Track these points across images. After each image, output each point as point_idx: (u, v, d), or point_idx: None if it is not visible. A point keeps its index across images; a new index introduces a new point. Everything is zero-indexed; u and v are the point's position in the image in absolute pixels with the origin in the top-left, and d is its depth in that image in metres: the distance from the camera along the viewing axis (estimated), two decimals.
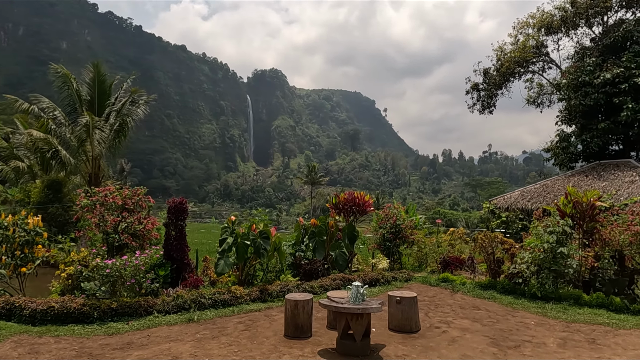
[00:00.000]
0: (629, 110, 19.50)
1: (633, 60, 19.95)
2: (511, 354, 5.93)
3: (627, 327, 7.29)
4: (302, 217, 13.28)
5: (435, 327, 7.18)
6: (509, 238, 15.25)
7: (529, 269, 9.29)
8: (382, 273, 10.70)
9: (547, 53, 27.82)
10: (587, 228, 9.47)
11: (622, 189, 17.97)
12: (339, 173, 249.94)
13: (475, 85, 29.09)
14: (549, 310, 8.27)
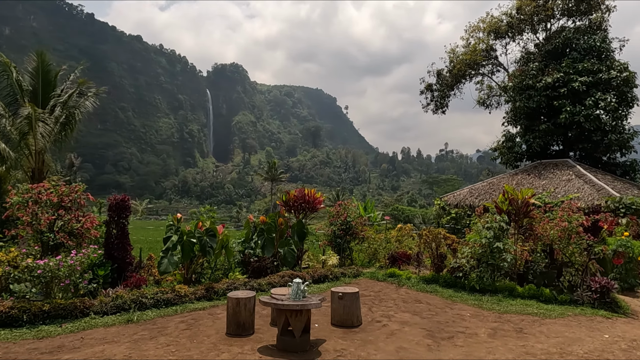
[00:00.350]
0: (567, 113, 20.80)
1: (571, 66, 21.27)
2: (444, 345, 6.21)
3: (552, 316, 7.82)
4: (256, 215, 13.23)
5: (377, 321, 7.39)
6: (458, 233, 15.93)
7: (469, 263, 9.74)
8: (331, 269, 10.86)
9: (496, 57, 29.13)
10: (522, 224, 10.03)
11: (559, 187, 19.16)
12: (300, 170, 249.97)
13: (429, 86, 29.99)
14: (485, 302, 8.71)
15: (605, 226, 9.75)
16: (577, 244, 9.41)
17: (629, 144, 21.60)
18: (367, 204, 37.02)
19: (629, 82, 20.82)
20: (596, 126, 20.55)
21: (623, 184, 19.38)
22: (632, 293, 11.35)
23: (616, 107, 20.59)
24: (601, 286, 8.73)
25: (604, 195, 17.02)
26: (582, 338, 6.60)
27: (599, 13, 24.77)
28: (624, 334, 6.86)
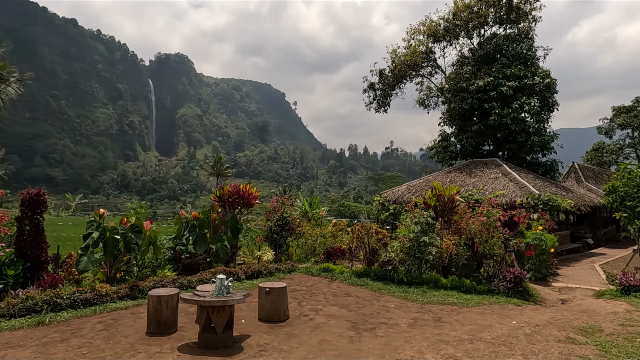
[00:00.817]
0: (496, 115, 22.13)
1: (500, 71, 22.64)
2: (366, 336, 6.42)
3: (470, 305, 8.33)
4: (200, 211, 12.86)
5: (304, 315, 7.48)
6: (396, 229, 16.46)
7: (398, 257, 10.12)
8: (265, 265, 10.84)
9: (435, 59, 30.33)
10: (448, 219, 10.58)
11: (488, 184, 20.38)
12: (247, 165, 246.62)
13: (371, 85, 30.66)
14: (410, 293, 9.11)
15: (522, 221, 10.51)
16: (496, 237, 10.08)
17: (549, 145, 23.45)
18: (313, 200, 37.24)
19: (550, 88, 22.55)
20: (521, 128, 22.10)
21: (543, 182, 21.01)
22: (544, 282, 12.37)
23: (539, 110, 22.26)
24: (515, 276, 9.43)
25: (525, 192, 18.34)
26: (493, 325, 7.10)
27: (527, 23, 26.62)
28: (530, 320, 7.46)
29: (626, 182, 12.15)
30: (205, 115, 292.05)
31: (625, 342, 6.15)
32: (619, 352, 5.70)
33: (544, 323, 7.23)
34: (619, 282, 9.53)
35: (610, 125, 38.22)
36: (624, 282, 9.35)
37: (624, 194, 12.03)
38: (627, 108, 37.22)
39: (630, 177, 12.22)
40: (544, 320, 7.41)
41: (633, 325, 7.02)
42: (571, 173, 27.19)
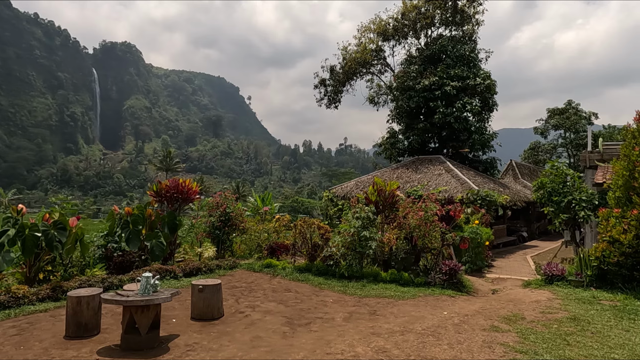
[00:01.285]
0: (441, 114, 22.91)
1: (445, 71, 23.43)
2: (300, 331, 6.38)
3: (405, 298, 8.54)
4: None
5: (240, 312, 7.33)
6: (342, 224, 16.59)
7: (340, 252, 10.19)
8: (205, 262, 10.54)
9: (384, 57, 30.89)
10: (389, 213, 10.79)
11: (432, 180, 21.06)
12: (199, 160, 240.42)
13: (322, 81, 30.74)
14: (350, 287, 9.19)
15: (457, 215, 10.92)
16: (433, 231, 10.40)
17: (489, 144, 24.64)
18: (265, 196, 36.82)
19: (490, 89, 23.69)
20: (464, 127, 23.04)
21: (482, 179, 22.05)
22: (479, 273, 12.97)
23: (480, 110, 23.32)
24: (450, 269, 9.78)
25: (466, 188, 19.14)
26: (425, 316, 7.30)
27: (471, 25, 27.74)
28: (460, 310, 7.75)
29: (553, 178, 12.96)
30: (154, 108, 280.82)
31: (543, 328, 6.53)
32: (536, 338, 6.03)
33: (473, 313, 7.54)
34: (543, 272, 10.16)
35: (545, 126, 40.81)
36: (547, 272, 9.98)
37: (551, 190, 12.82)
38: (560, 110, 39.89)
39: (557, 174, 13.05)
40: (473, 310, 7.73)
41: (552, 313, 7.48)
42: (509, 170, 28.78)
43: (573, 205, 12.48)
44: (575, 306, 7.91)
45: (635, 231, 8.42)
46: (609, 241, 8.92)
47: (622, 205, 8.97)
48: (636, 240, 8.37)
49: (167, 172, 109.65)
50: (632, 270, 8.63)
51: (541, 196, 13.07)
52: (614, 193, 9.32)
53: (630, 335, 6.20)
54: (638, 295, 8.37)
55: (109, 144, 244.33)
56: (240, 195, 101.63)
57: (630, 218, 8.53)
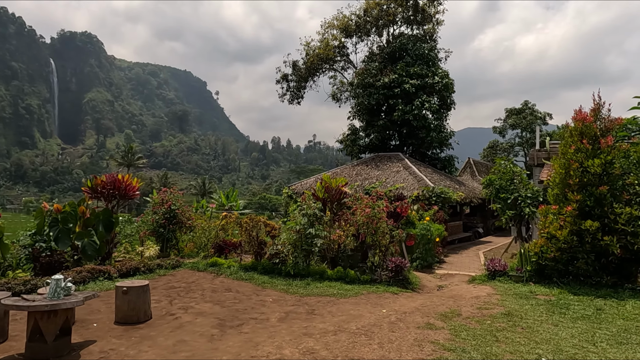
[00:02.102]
0: (400, 111, 23.04)
1: (404, 69, 23.58)
2: (229, 333, 6.11)
3: (348, 296, 8.42)
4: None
5: (171, 314, 6.98)
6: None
7: (286, 249, 9.98)
8: (144, 261, 10.06)
9: (347, 54, 30.79)
10: (337, 210, 10.66)
11: (390, 177, 21.17)
12: (164, 156, 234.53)
13: (284, 76, 30.36)
14: (293, 286, 8.99)
15: (405, 212, 10.92)
16: (381, 228, 10.35)
17: (447, 141, 25.04)
18: (230, 192, 36.14)
19: (448, 88, 24.05)
20: (422, 124, 23.29)
21: (439, 176, 22.38)
22: (429, 270, 13.08)
23: (438, 108, 23.63)
24: (396, 265, 9.75)
25: (422, 185, 19.35)
26: (363, 314, 7.19)
27: (431, 25, 28.09)
28: (400, 308, 7.70)
29: (501, 176, 13.22)
30: (117, 101, 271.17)
31: (476, 325, 6.55)
32: (467, 335, 6.02)
33: (412, 310, 7.50)
34: (486, 268, 10.31)
35: (503, 125, 42.07)
36: (490, 268, 10.13)
37: (498, 187, 13.06)
38: (517, 110, 41.22)
39: (504, 171, 13.31)
40: (413, 308, 7.69)
41: (488, 308, 7.54)
42: (467, 168, 29.42)
43: (519, 202, 12.76)
44: (512, 301, 8.02)
45: (570, 227, 8.64)
46: (546, 237, 9.12)
47: (559, 202, 9.20)
48: (571, 236, 8.58)
49: (129, 168, 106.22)
50: (567, 265, 8.86)
51: (490, 193, 13.31)
52: (552, 190, 9.55)
53: (558, 330, 6.29)
54: (572, 289, 8.60)
55: (68, 138, 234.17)
56: (206, 191, 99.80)
57: (566, 214, 8.75)
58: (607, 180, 8.67)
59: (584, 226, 8.43)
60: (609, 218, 8.45)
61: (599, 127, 9.03)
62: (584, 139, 8.89)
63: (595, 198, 8.56)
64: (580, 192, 8.74)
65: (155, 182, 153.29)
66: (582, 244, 8.55)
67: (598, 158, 8.62)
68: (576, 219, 8.62)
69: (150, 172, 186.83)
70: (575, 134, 9.16)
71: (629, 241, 8.26)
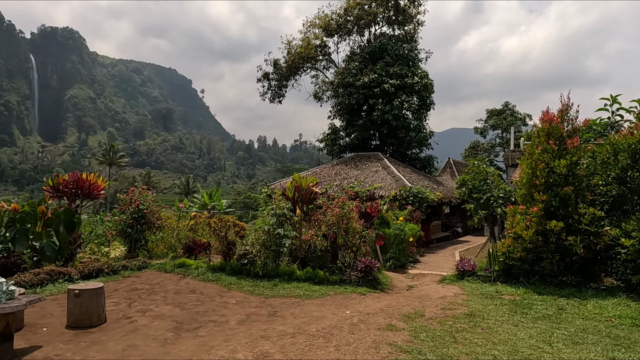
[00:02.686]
0: (379, 111, 23.05)
1: (384, 69, 23.59)
2: (184, 337, 5.95)
3: (314, 297, 8.32)
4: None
5: (127, 317, 6.78)
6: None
7: (254, 249, 9.83)
8: (109, 263, 9.80)
9: (329, 54, 30.72)
10: (307, 210, 10.55)
11: (369, 177, 21.17)
12: (148, 154, 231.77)
13: (266, 75, 30.14)
14: (260, 287, 8.86)
15: (374, 212, 10.88)
16: (352, 228, 10.28)
17: (426, 141, 25.16)
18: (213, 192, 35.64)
19: (427, 88, 24.15)
20: (401, 124, 23.35)
21: (418, 176, 22.48)
22: (402, 269, 13.08)
23: (417, 108, 23.71)
24: (365, 266, 9.69)
25: (400, 185, 19.40)
26: (326, 316, 7.10)
27: (412, 26, 28.19)
28: (365, 309, 7.63)
29: (474, 176, 13.29)
30: (99, 99, 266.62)
31: (437, 325, 6.51)
32: (426, 336, 5.97)
33: (376, 311, 7.44)
34: (456, 268, 10.33)
35: (485, 126, 42.52)
36: (460, 268, 10.15)
37: (471, 187, 13.14)
38: (498, 111, 41.70)
39: (477, 171, 13.40)
40: (378, 309, 7.63)
41: (452, 309, 7.53)
42: (447, 168, 29.63)
43: (491, 202, 12.86)
44: (477, 301, 8.02)
45: (536, 227, 8.69)
46: (513, 237, 9.17)
47: (526, 202, 9.25)
48: (536, 236, 8.63)
49: (111, 167, 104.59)
50: (533, 265, 8.91)
51: (463, 193, 13.38)
52: (520, 190, 9.60)
53: (517, 330, 6.29)
54: (537, 289, 8.65)
55: (48, 136, 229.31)
56: (190, 190, 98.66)
57: (532, 214, 8.80)
58: (573, 180, 8.75)
59: (549, 226, 8.49)
60: (573, 218, 8.52)
61: (565, 128, 9.11)
62: (551, 139, 8.95)
63: (560, 198, 8.63)
64: (546, 192, 8.80)
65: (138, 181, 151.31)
66: (547, 244, 8.61)
67: (564, 159, 8.68)
68: (541, 219, 8.67)
69: (133, 170, 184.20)
70: (542, 135, 9.22)
71: (592, 241, 8.34)
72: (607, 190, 9.00)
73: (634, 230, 7.94)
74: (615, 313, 7.10)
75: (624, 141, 8.37)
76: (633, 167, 8.51)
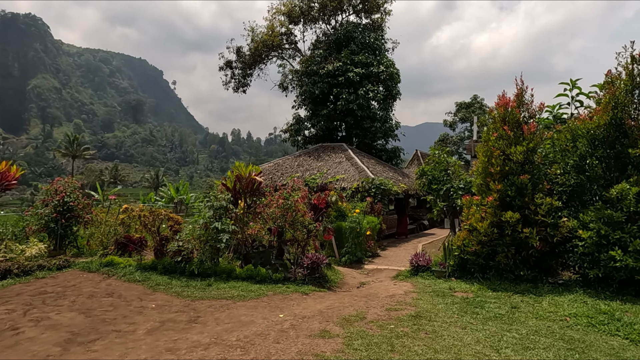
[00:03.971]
0: (344, 100, 22.26)
1: (349, 57, 22.77)
2: (72, 352, 4.98)
3: (248, 298, 7.45)
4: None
5: (14, 328, 5.73)
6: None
7: (190, 245, 8.88)
8: (20, 262, 8.64)
9: (296, 42, 29.67)
10: (250, 202, 9.65)
11: (332, 169, 20.40)
12: (117, 147, 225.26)
13: (228, 63, 28.87)
14: (191, 288, 7.93)
15: (322, 203, 10.08)
16: (298, 221, 9.45)
17: (393, 132, 24.56)
18: (180, 185, 34.17)
19: (393, 78, 23.51)
20: (367, 114, 22.64)
21: (383, 167, 21.87)
22: (359, 264, 12.38)
23: (383, 98, 23.04)
24: (312, 262, 8.89)
25: (363, 176, 18.71)
26: (255, 321, 6.25)
27: (380, 14, 27.45)
28: (302, 311, 6.82)
29: (434, 166, 12.68)
30: (65, 89, 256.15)
31: (377, 330, 5.77)
32: (361, 344, 5.21)
33: (314, 314, 6.64)
34: (410, 263, 9.67)
35: (454, 119, 42.46)
36: (414, 263, 9.50)
37: (431, 178, 12.52)
38: (467, 104, 41.68)
39: (438, 161, 12.79)
40: (316, 311, 6.84)
41: (398, 309, 6.81)
42: (414, 160, 29.23)
43: (451, 194, 12.29)
44: (427, 300, 7.35)
45: (491, 219, 8.08)
46: (468, 229, 8.56)
47: (482, 192, 8.64)
48: (491, 229, 8.03)
49: (74, 159, 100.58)
50: (488, 259, 8.32)
51: (422, 184, 12.75)
52: (476, 180, 8.99)
53: (465, 334, 5.62)
54: (492, 285, 8.06)
55: (9, 128, 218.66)
56: (159, 184, 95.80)
57: (487, 205, 8.19)
58: (529, 168, 8.17)
59: (504, 217, 7.89)
60: (529, 209, 7.96)
61: (521, 113, 8.52)
62: (506, 125, 8.35)
63: (516, 188, 8.04)
64: (502, 181, 8.20)
65: (106, 174, 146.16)
66: (503, 236, 8.02)
67: (520, 145, 8.09)
68: (497, 210, 8.08)
69: (101, 164, 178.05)
70: (498, 120, 8.61)
71: (549, 233, 7.79)
72: (565, 179, 8.48)
73: (592, 221, 7.41)
74: (570, 311, 6.54)
75: (582, 127, 7.83)
76: (592, 155, 8.00)
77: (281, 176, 20.71)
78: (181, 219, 9.62)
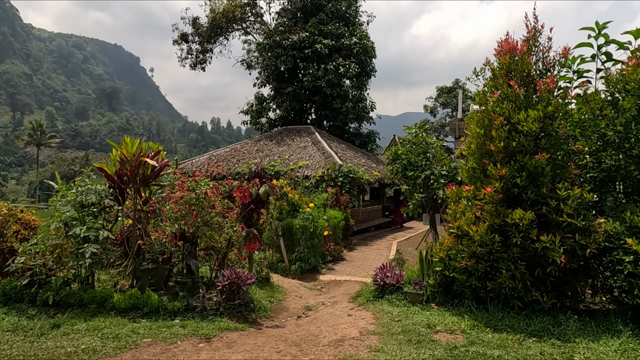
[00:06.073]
0: (311, 76, 19.33)
1: (316, 27, 19.80)
2: None
3: (100, 355, 4.55)
4: None
5: None
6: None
7: (45, 260, 5.91)
8: None
9: (261, 14, 26.42)
10: (145, 195, 6.71)
11: (295, 154, 17.52)
12: (92, 135, 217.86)
13: (183, 36, 25.42)
14: (19, 333, 4.97)
15: (248, 197, 7.20)
16: (213, 222, 6.58)
17: (367, 114, 21.76)
18: None
19: (367, 51, 20.62)
20: (337, 93, 19.76)
21: (355, 153, 19.10)
22: (314, 274, 9.61)
23: (356, 75, 20.18)
24: (230, 283, 6.05)
25: (330, 162, 15.93)
26: None
27: None
28: None
29: (410, 148, 9.94)
30: (36, 75, 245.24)
31: None
32: None
33: None
34: (373, 280, 6.91)
35: (434, 104, 39.97)
36: (379, 280, 6.73)
37: (406, 163, 9.78)
38: (448, 89, 39.19)
39: (415, 142, 10.05)
40: None
41: None
42: (392, 146, 26.54)
43: (432, 182, 9.58)
44: (393, 351, 4.59)
45: (491, 220, 5.35)
46: (456, 235, 5.83)
47: (476, 179, 5.90)
48: (491, 235, 5.29)
49: (39, 148, 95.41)
50: (485, 279, 5.59)
51: (395, 171, 10.00)
52: (466, 163, 6.25)
53: None
54: (491, 319, 5.36)
55: None
56: None
57: (485, 200, 5.44)
58: (547, 144, 5.44)
59: (511, 218, 5.17)
60: (549, 205, 5.24)
61: (534, 63, 5.77)
62: (512, 80, 5.59)
63: (528, 173, 5.32)
64: (507, 163, 5.46)
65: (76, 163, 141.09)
66: (508, 246, 5.31)
67: (534, 109, 5.35)
68: (499, 207, 5.35)
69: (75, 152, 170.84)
70: (500, 75, 5.85)
71: (578, 242, 5.09)
72: (595, 160, 5.81)
73: None
74: None
75: (634, 76, 5.10)
76: None
77: (237, 162, 17.78)
78: (39, 220, 6.68)
